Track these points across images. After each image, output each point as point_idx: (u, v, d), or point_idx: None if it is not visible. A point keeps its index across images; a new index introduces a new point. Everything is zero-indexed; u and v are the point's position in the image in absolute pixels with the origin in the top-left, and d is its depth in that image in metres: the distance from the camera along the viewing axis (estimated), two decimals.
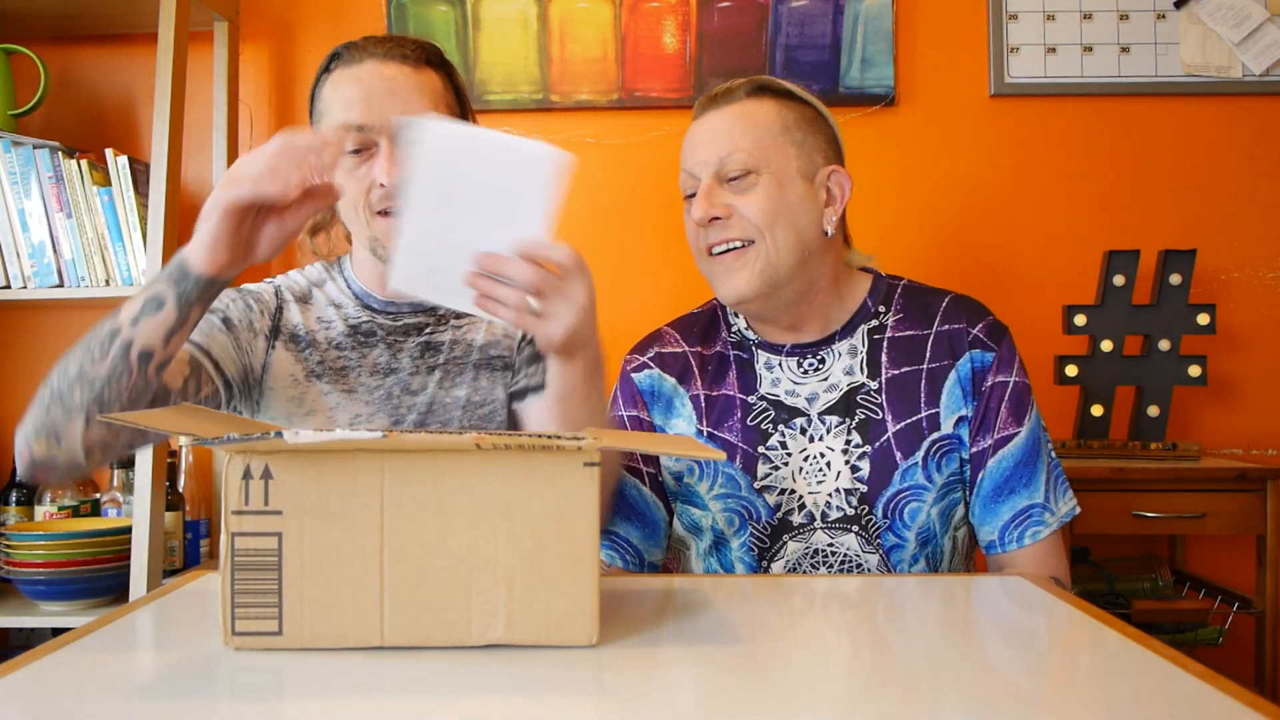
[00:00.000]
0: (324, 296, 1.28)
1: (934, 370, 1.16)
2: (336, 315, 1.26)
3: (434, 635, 0.72)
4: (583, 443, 0.72)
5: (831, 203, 1.16)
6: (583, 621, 0.73)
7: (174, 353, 0.99)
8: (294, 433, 0.67)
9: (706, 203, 1.13)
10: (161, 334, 0.97)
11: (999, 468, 1.14)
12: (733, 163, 1.13)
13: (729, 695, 0.64)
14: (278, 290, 1.26)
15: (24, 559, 1.63)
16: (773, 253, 1.12)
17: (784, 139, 1.14)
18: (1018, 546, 1.14)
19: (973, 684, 0.67)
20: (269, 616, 0.71)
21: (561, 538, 0.72)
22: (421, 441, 0.71)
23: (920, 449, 1.14)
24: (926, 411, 1.15)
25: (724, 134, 1.14)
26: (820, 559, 1.15)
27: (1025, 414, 1.16)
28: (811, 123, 1.17)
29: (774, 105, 1.15)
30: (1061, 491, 1.17)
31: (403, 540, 0.72)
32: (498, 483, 0.72)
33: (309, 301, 1.27)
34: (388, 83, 1.16)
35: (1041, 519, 1.14)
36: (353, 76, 1.17)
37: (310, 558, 0.71)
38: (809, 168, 1.15)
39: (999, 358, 1.16)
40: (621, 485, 1.21)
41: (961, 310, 1.19)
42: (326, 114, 1.18)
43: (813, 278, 1.16)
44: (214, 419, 0.83)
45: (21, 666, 0.68)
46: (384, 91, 1.15)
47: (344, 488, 0.71)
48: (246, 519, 0.71)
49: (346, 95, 1.16)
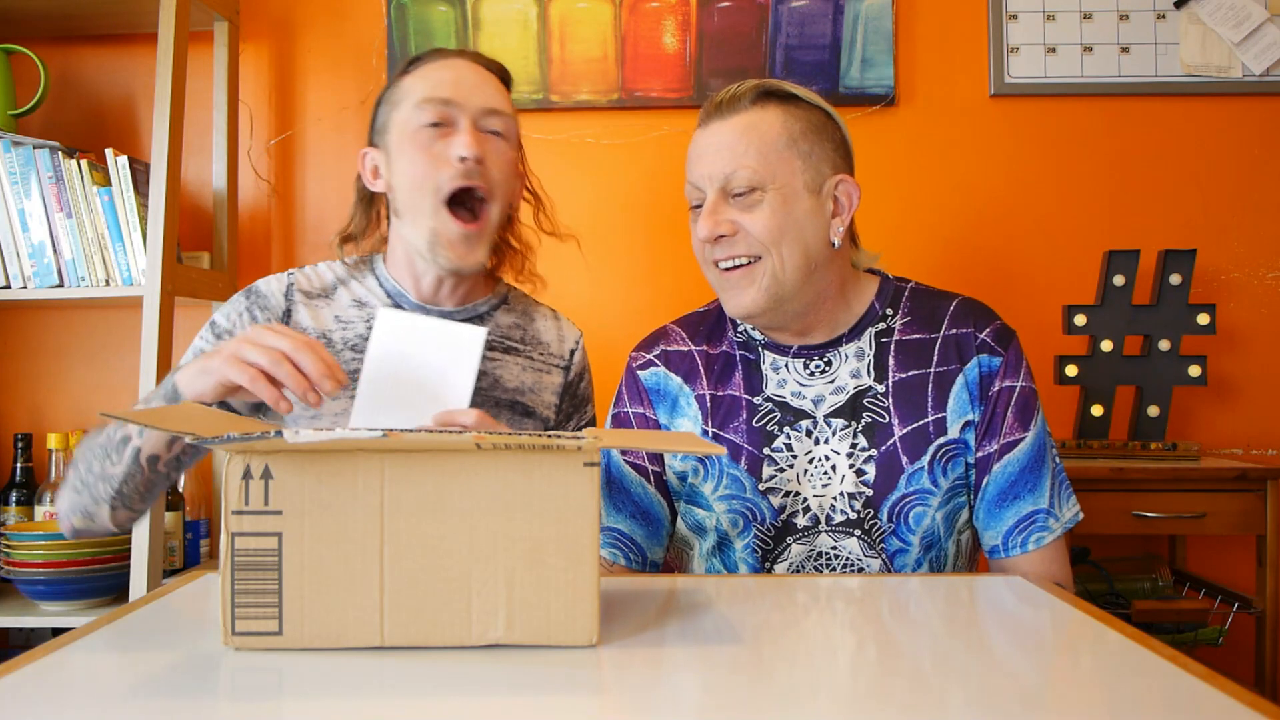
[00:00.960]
0: (348, 294, 1.27)
1: (941, 374, 1.16)
2: (359, 315, 1.25)
3: (434, 635, 0.72)
4: (583, 442, 0.72)
5: (839, 213, 1.15)
6: (583, 621, 0.73)
7: (178, 451, 1.09)
8: (294, 432, 0.67)
9: (712, 221, 1.13)
10: (164, 442, 1.07)
11: (1004, 473, 1.14)
12: (738, 180, 1.11)
13: (732, 696, 0.64)
14: (289, 290, 1.25)
15: (24, 559, 1.63)
16: (779, 269, 1.12)
17: (790, 152, 1.12)
18: (1021, 552, 1.14)
19: (973, 684, 0.67)
20: (269, 616, 0.71)
21: (561, 537, 0.72)
22: (422, 441, 0.71)
23: (926, 453, 1.14)
24: (933, 416, 1.15)
25: (729, 148, 1.12)
26: (824, 562, 1.15)
27: (1031, 419, 1.15)
28: (819, 130, 1.15)
29: (780, 115, 1.13)
30: (1065, 498, 1.17)
31: (403, 540, 0.72)
32: (498, 482, 0.72)
33: (329, 297, 1.26)
34: (478, 76, 1.22)
35: (1046, 525, 1.13)
36: (445, 66, 1.22)
37: (310, 558, 0.71)
38: (816, 180, 1.14)
39: (1006, 363, 1.16)
40: (626, 483, 1.21)
41: (969, 314, 1.19)
42: (409, 95, 1.20)
43: (820, 288, 1.16)
44: (215, 418, 0.83)
45: (21, 666, 0.68)
46: (476, 82, 1.21)
47: (344, 488, 0.71)
48: (246, 519, 0.71)
49: (436, 77, 1.20)
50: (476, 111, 1.19)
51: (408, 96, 1.21)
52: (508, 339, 1.30)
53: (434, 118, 1.17)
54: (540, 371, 1.30)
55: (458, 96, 1.18)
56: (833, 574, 1.15)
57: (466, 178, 1.17)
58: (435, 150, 1.17)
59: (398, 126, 1.21)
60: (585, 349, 1.37)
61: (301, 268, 1.29)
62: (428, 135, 1.18)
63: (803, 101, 1.16)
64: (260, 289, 1.25)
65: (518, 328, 1.32)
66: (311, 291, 1.26)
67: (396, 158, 1.21)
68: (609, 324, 1.93)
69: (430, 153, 1.17)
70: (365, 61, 2.00)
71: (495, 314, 1.31)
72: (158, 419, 0.80)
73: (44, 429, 1.97)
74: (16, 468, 1.86)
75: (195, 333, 1.96)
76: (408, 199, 1.20)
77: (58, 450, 1.81)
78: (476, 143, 1.17)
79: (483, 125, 1.20)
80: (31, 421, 2.00)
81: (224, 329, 1.24)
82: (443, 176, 1.17)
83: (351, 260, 1.30)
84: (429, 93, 1.18)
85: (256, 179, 2.01)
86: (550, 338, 1.34)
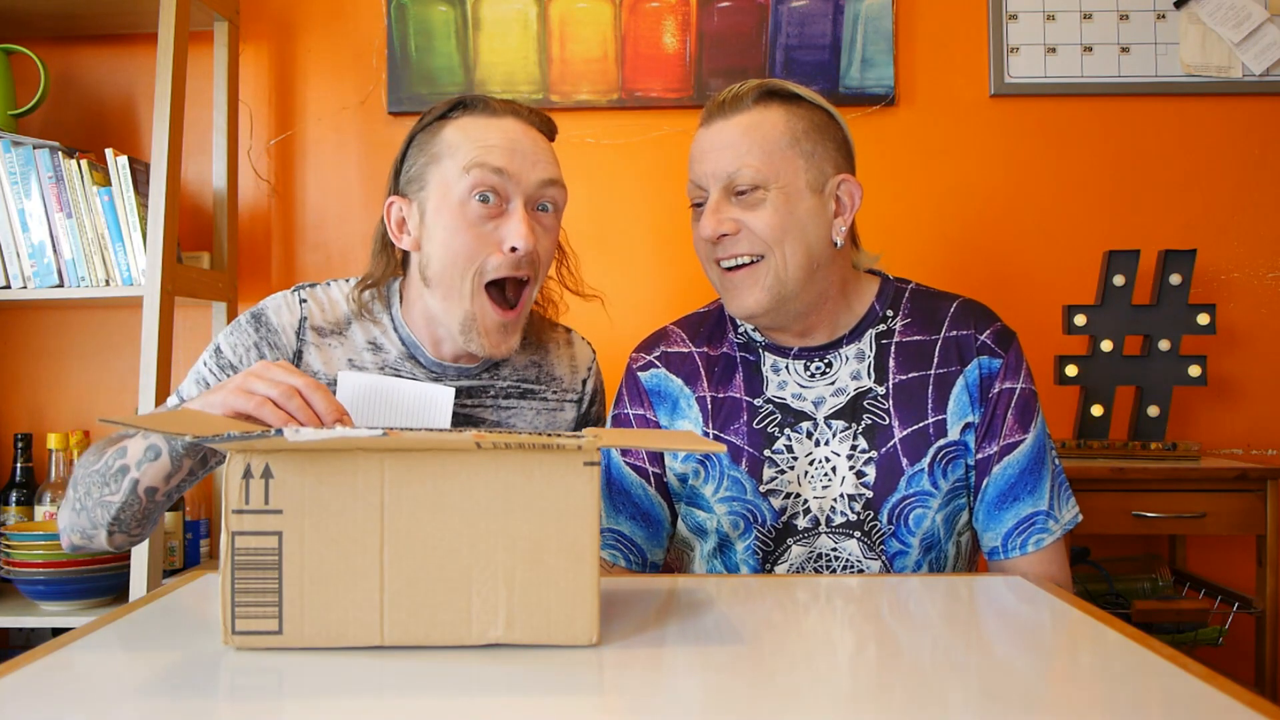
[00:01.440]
0: (363, 334, 1.18)
1: (941, 376, 1.16)
2: (373, 360, 1.17)
3: (434, 635, 0.72)
4: (582, 441, 0.72)
5: (841, 212, 1.15)
6: (583, 621, 0.73)
7: (175, 484, 1.06)
8: (294, 430, 0.67)
9: (715, 220, 1.12)
10: (161, 476, 1.04)
11: (1004, 474, 1.14)
12: (741, 178, 1.11)
13: (732, 696, 0.64)
14: (301, 326, 1.17)
15: (24, 559, 1.63)
16: (782, 268, 1.12)
17: (793, 151, 1.12)
18: (1020, 554, 1.14)
19: (974, 684, 0.67)
20: (269, 616, 0.71)
21: (561, 536, 0.72)
22: (422, 440, 0.71)
23: (926, 455, 1.14)
24: (934, 418, 1.15)
25: (731, 147, 1.12)
26: (824, 563, 1.15)
27: (1031, 421, 1.16)
28: (821, 130, 1.15)
29: (782, 114, 1.13)
30: (1065, 499, 1.17)
31: (403, 539, 0.72)
32: (498, 482, 0.72)
33: (343, 334, 1.18)
34: (532, 141, 1.12)
35: (1045, 526, 1.13)
36: (496, 127, 1.11)
37: (310, 557, 0.71)
38: (818, 179, 1.13)
39: (1006, 364, 1.16)
40: (627, 485, 1.21)
41: (969, 315, 1.19)
42: (455, 152, 1.10)
43: (822, 287, 1.16)
44: (214, 419, 0.83)
45: (21, 666, 0.68)
46: (531, 150, 1.11)
47: (344, 487, 0.71)
48: (247, 518, 0.71)
49: (486, 140, 1.10)
50: (532, 187, 1.10)
51: (450, 153, 1.10)
52: (524, 382, 1.25)
53: (485, 189, 1.08)
54: (554, 411, 1.27)
55: (512, 168, 1.08)
56: (833, 574, 1.15)
57: (515, 269, 1.09)
58: (484, 231, 1.09)
59: (438, 187, 1.11)
60: (599, 368, 1.34)
61: (313, 288, 1.21)
62: (476, 212, 1.08)
63: (805, 101, 1.16)
64: (271, 322, 1.17)
65: (534, 365, 1.27)
66: (324, 329, 1.18)
67: (434, 224, 1.11)
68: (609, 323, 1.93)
69: (478, 232, 1.08)
70: (365, 61, 2.00)
71: (511, 357, 1.24)
72: (157, 423, 0.80)
73: (44, 429, 1.97)
74: (16, 468, 1.86)
75: (195, 333, 1.99)
76: (444, 275, 1.11)
77: (58, 450, 1.81)
78: (531, 232, 1.08)
79: (537, 202, 1.13)
80: (31, 421, 2.00)
81: (229, 361, 1.17)
82: (490, 263, 1.09)
83: (369, 294, 1.20)
84: (479, 157, 1.08)
85: (256, 179, 2.02)
86: (564, 370, 1.29)
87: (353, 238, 2.00)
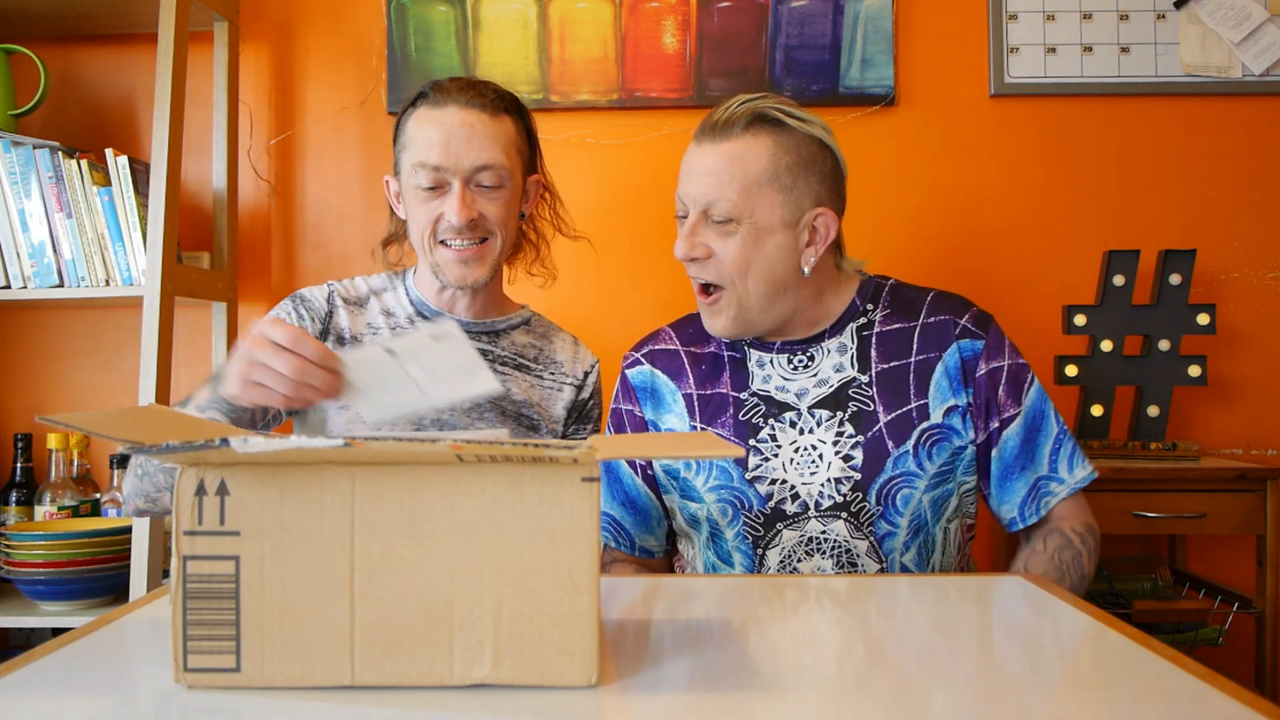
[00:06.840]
0: (379, 304, 1.36)
1: (921, 363, 1.21)
2: (385, 323, 1.34)
3: (411, 674, 0.64)
4: (577, 453, 0.62)
5: (814, 242, 1.20)
6: (580, 659, 0.64)
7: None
8: (242, 440, 0.58)
9: (688, 243, 1.19)
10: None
11: (1006, 448, 1.20)
12: (717, 209, 1.17)
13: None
14: (330, 295, 1.34)
15: (24, 559, 1.63)
16: (745, 298, 1.19)
17: (771, 187, 1.16)
18: (1037, 518, 1.20)
19: (974, 684, 0.67)
20: (226, 651, 0.63)
21: (555, 562, 0.64)
22: (393, 452, 0.63)
23: (911, 438, 1.18)
24: (916, 402, 1.20)
25: (715, 175, 1.17)
26: (814, 546, 1.18)
27: (1022, 394, 1.20)
28: (806, 163, 1.18)
29: (769, 146, 1.16)
30: (1072, 459, 1.21)
31: (375, 565, 0.64)
32: (483, 499, 0.64)
33: (364, 306, 1.35)
34: (467, 129, 1.25)
35: (1048, 489, 1.19)
36: (435, 119, 1.25)
37: (272, 585, 0.63)
38: (794, 214, 1.18)
39: (988, 345, 1.21)
40: (619, 471, 1.28)
41: (945, 303, 1.25)
42: (409, 146, 1.27)
43: (792, 306, 1.22)
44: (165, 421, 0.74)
45: (21, 666, 0.68)
46: (463, 138, 1.24)
47: (309, 505, 0.63)
48: (200, 540, 0.63)
49: (428, 136, 1.25)
50: (466, 173, 1.24)
51: (408, 146, 1.27)
52: (521, 356, 1.36)
53: (427, 182, 1.25)
54: (550, 389, 1.36)
55: (446, 161, 1.24)
56: (826, 569, 1.17)
57: (459, 234, 1.26)
58: (431, 208, 1.26)
59: (405, 172, 1.29)
60: (600, 376, 1.42)
61: (340, 280, 1.38)
62: (424, 195, 1.26)
63: (799, 126, 1.18)
64: (305, 295, 1.34)
65: (533, 348, 1.38)
66: (349, 299, 1.35)
67: (406, 201, 1.30)
68: (610, 323, 1.93)
69: (427, 209, 1.26)
70: (365, 61, 1.99)
71: (512, 333, 1.38)
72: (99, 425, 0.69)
73: (44, 429, 1.97)
74: (16, 468, 1.86)
75: (195, 333, 1.99)
76: (414, 239, 1.31)
77: (58, 450, 1.81)
78: (466, 208, 1.24)
79: (476, 183, 1.26)
80: (31, 421, 2.00)
81: None
82: (440, 227, 1.26)
83: (386, 275, 1.40)
84: (419, 156, 1.25)
85: (256, 179, 2.01)
86: (565, 358, 1.40)
87: (353, 237, 2.00)
